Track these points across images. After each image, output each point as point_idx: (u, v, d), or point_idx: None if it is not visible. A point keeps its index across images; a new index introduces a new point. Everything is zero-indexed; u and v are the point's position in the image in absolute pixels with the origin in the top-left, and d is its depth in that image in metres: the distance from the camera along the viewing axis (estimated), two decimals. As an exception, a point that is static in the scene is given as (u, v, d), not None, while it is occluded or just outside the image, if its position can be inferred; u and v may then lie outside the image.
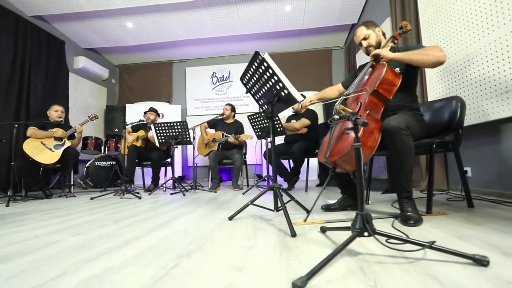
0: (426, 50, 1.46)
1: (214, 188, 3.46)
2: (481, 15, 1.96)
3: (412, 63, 1.48)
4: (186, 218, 1.67)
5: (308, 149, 3.27)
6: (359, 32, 1.75)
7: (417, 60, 1.46)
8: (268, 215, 1.65)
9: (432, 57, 1.42)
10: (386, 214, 1.57)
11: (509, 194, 1.88)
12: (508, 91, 1.79)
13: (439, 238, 1.06)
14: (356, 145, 0.89)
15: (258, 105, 1.77)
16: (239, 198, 2.63)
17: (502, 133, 1.93)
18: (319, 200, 2.26)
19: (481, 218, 1.36)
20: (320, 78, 5.98)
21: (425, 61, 1.44)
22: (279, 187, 1.49)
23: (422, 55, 1.45)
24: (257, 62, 1.41)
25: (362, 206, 0.87)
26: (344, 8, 4.64)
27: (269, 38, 5.62)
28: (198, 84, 6.21)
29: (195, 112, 6.13)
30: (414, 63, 1.48)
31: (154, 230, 1.35)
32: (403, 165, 1.35)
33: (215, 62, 6.27)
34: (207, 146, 3.87)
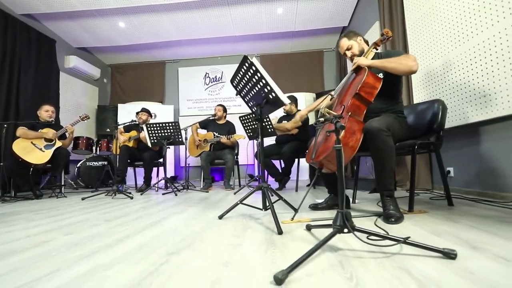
0: (401, 59, 1.54)
1: (206, 188, 3.49)
2: (462, 22, 2.05)
3: (386, 70, 1.57)
4: (177, 217, 1.71)
5: (298, 149, 3.33)
6: (342, 43, 1.83)
7: (391, 67, 1.54)
8: (257, 214, 1.69)
9: (404, 66, 1.50)
10: (371, 212, 1.64)
11: (487, 193, 1.97)
12: (486, 95, 1.88)
13: (416, 234, 1.13)
14: (337, 147, 0.95)
15: (248, 107, 1.81)
16: (231, 197, 2.67)
17: (482, 135, 2.02)
18: (308, 199, 2.32)
19: (459, 216, 1.43)
20: (312, 79, 6.07)
21: (398, 69, 1.53)
22: (267, 187, 1.53)
23: (395, 63, 1.53)
24: (245, 66, 1.45)
25: (342, 205, 0.93)
26: (335, 12, 4.73)
27: (261, 40, 5.67)
28: (191, 85, 6.22)
29: (187, 112, 6.14)
30: (388, 70, 1.56)
31: (145, 229, 1.38)
32: (384, 164, 1.41)
33: (208, 63, 6.29)
34: (199, 147, 3.90)
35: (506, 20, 1.68)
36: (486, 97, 1.88)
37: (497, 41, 1.75)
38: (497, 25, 1.75)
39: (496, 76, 1.78)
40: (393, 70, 1.54)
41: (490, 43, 1.80)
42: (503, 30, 1.70)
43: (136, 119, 3.86)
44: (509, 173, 1.82)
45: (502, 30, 1.71)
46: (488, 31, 1.81)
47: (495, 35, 1.76)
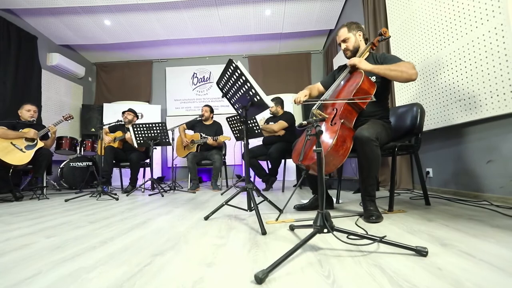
0: (401, 66, 1.53)
1: (193, 189, 3.49)
2: (441, 29, 2.15)
3: (386, 77, 1.58)
4: (163, 218, 1.71)
5: (285, 150, 3.37)
6: (341, 33, 1.80)
7: (393, 75, 1.54)
8: (243, 214, 1.72)
9: (406, 75, 1.51)
10: (353, 212, 1.69)
11: (462, 192, 2.07)
12: (463, 99, 1.98)
13: (392, 233, 1.18)
14: (316, 150, 0.98)
15: (234, 109, 1.83)
16: (217, 198, 2.68)
17: (459, 137, 2.11)
18: (294, 200, 2.36)
19: (434, 215, 1.50)
20: (299, 81, 6.14)
21: (399, 78, 1.53)
22: (252, 188, 1.56)
23: (397, 71, 1.52)
24: (231, 69, 1.47)
25: (322, 205, 0.96)
26: (322, 15, 4.81)
27: (250, 41, 5.69)
28: (179, 85, 6.17)
29: (175, 112, 6.09)
30: (388, 77, 1.57)
31: (130, 231, 1.38)
32: (370, 172, 1.47)
33: (196, 63, 6.26)
34: (186, 148, 3.89)
35: (484, 26, 1.78)
36: (464, 100, 1.98)
37: (476, 46, 1.84)
38: (476, 30, 1.84)
39: (474, 81, 1.88)
40: (393, 78, 1.56)
41: (470, 48, 1.89)
42: (481, 36, 1.79)
43: (122, 119, 3.80)
44: (482, 174, 1.92)
45: (480, 36, 1.80)
46: (468, 36, 1.90)
47: (473, 40, 1.85)
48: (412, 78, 1.52)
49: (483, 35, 1.77)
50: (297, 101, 1.74)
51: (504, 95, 1.66)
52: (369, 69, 1.58)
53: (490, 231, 1.15)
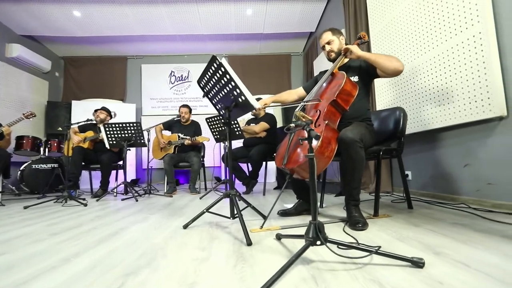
0: (389, 56, 1.56)
1: (170, 193, 3.31)
2: (421, 35, 2.19)
3: (376, 64, 1.57)
4: (137, 227, 1.56)
5: (266, 152, 3.31)
6: (325, 36, 1.81)
7: (382, 62, 1.54)
8: (225, 222, 1.62)
9: (394, 64, 1.52)
10: (338, 218, 1.65)
11: (440, 195, 2.12)
12: (441, 105, 2.02)
13: (383, 240, 1.14)
14: (309, 155, 0.92)
15: (216, 109, 1.73)
16: (196, 203, 2.55)
17: (437, 141, 2.16)
18: (276, 204, 2.30)
19: (418, 219, 1.50)
20: (279, 82, 6.13)
21: (388, 67, 1.53)
22: (236, 194, 1.46)
23: (386, 60, 1.54)
24: (214, 66, 1.38)
25: (315, 215, 0.90)
26: (303, 17, 4.82)
27: (230, 40, 5.59)
28: (155, 83, 5.91)
29: (151, 112, 5.82)
30: (378, 64, 1.56)
31: (99, 243, 1.23)
32: (354, 174, 1.43)
33: (174, 61, 6.04)
34: (163, 149, 3.70)
35: (463, 34, 1.82)
36: (442, 106, 2.02)
37: (455, 53, 1.88)
38: (455, 38, 1.88)
39: (453, 86, 1.92)
40: (382, 66, 1.55)
41: (449, 55, 1.93)
42: (460, 43, 1.84)
43: (94, 117, 3.54)
44: (459, 177, 1.97)
45: (459, 43, 1.84)
46: (447, 43, 1.94)
47: (453, 47, 1.90)
48: (399, 69, 1.53)
49: (462, 43, 1.82)
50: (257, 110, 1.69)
51: (481, 101, 1.71)
52: (360, 54, 1.59)
53: (475, 236, 1.15)
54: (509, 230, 1.23)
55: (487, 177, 1.76)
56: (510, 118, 1.62)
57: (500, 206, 1.67)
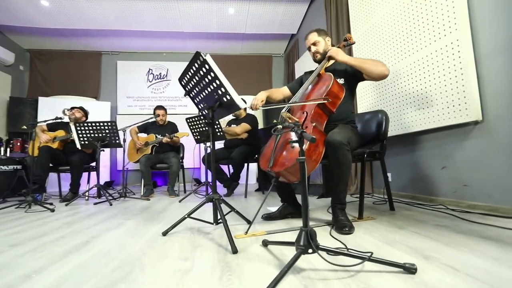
0: (375, 61, 1.56)
1: (147, 196, 3.16)
2: (403, 39, 2.24)
3: (362, 70, 1.56)
4: (111, 235, 1.44)
5: (248, 154, 3.25)
6: (311, 36, 1.80)
7: (368, 68, 1.54)
8: (207, 227, 1.54)
9: (380, 69, 1.52)
10: (323, 221, 1.63)
11: (419, 196, 2.18)
12: (420, 109, 2.08)
13: (371, 245, 1.13)
14: (300, 159, 0.87)
15: (198, 109, 1.65)
16: (175, 206, 2.44)
17: (416, 144, 2.22)
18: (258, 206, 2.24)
19: (402, 222, 1.51)
20: (260, 83, 6.09)
21: (373, 72, 1.53)
22: (219, 199, 1.39)
23: (372, 65, 1.54)
24: (197, 63, 1.30)
25: (306, 222, 0.85)
26: (285, 18, 4.83)
27: (211, 39, 5.48)
28: (132, 80, 5.65)
29: (127, 110, 5.56)
30: (363, 70, 1.56)
31: (66, 256, 1.11)
32: (341, 178, 1.41)
33: (152, 58, 5.81)
34: (139, 151, 3.52)
35: (442, 40, 1.87)
36: (421, 110, 2.07)
37: (434, 59, 1.94)
38: (434, 44, 1.93)
39: (432, 91, 1.97)
40: (367, 71, 1.54)
41: (428, 60, 1.98)
42: (439, 49, 1.89)
43: (68, 115, 3.30)
44: (437, 179, 2.03)
45: (438, 49, 1.90)
46: (427, 49, 2.00)
47: (432, 53, 1.95)
48: (384, 73, 1.54)
49: (441, 49, 1.87)
50: (254, 107, 1.63)
51: (459, 106, 1.77)
52: (345, 60, 1.58)
53: (458, 238, 1.17)
54: (486, 231, 1.26)
55: (463, 179, 1.83)
56: (484, 122, 1.69)
57: (475, 206, 1.73)
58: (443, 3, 1.85)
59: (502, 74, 1.59)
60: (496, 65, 1.62)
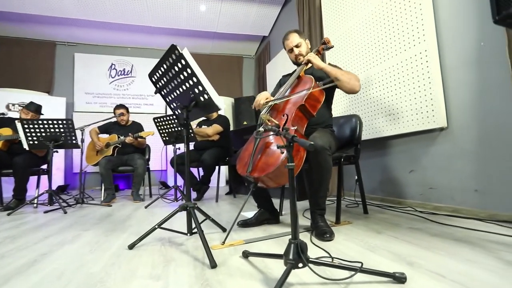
0: (350, 74, 1.56)
1: (109, 201, 2.89)
2: (374, 48, 2.31)
3: (335, 80, 1.55)
4: (67, 250, 1.26)
5: (219, 156, 3.14)
6: (293, 38, 1.74)
7: (342, 80, 1.52)
8: (179, 237, 1.41)
9: (352, 84, 1.53)
10: (301, 226, 1.58)
11: (388, 199, 2.26)
12: (390, 114, 2.16)
13: (354, 252, 1.11)
14: (290, 166, 0.81)
15: (170, 108, 1.52)
16: (141, 213, 2.25)
17: (386, 148, 2.30)
18: (232, 212, 2.16)
19: (378, 225, 1.53)
20: (230, 84, 6.01)
21: (346, 85, 1.53)
22: (194, 206, 1.28)
23: (346, 77, 1.52)
24: (172, 58, 1.18)
25: (295, 233, 0.79)
26: (258, 20, 4.81)
27: (180, 35, 5.26)
28: (92, 75, 5.19)
29: (86, 108, 5.10)
30: (337, 81, 1.54)
31: (9, 280, 0.93)
32: (322, 183, 1.39)
33: (115, 52, 5.41)
34: (99, 153, 3.22)
35: (411, 50, 1.96)
36: (391, 115, 2.15)
37: (403, 67, 2.02)
38: (404, 53, 2.01)
39: (402, 98, 2.05)
40: (340, 83, 1.53)
41: (398, 69, 2.06)
42: (409, 58, 1.97)
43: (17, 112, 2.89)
44: (405, 182, 2.12)
45: (408, 58, 1.98)
46: (397, 57, 2.07)
47: (402, 61, 2.03)
48: (355, 89, 1.55)
49: (411, 58, 1.96)
50: (257, 105, 1.57)
51: (427, 113, 1.86)
52: (322, 66, 1.56)
53: (434, 242, 1.20)
54: (456, 233, 1.32)
55: (429, 182, 1.92)
56: (449, 129, 1.79)
57: (440, 208, 1.83)
58: (413, 15, 1.93)
59: (465, 85, 1.69)
60: (459, 76, 1.72)
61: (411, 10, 1.95)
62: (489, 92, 1.57)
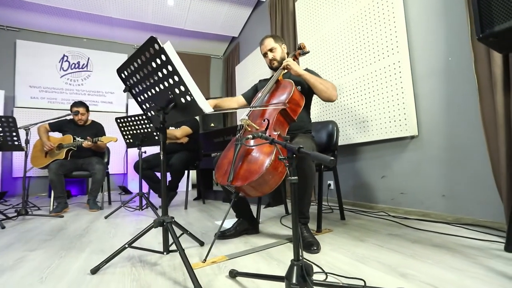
0: (328, 84, 1.56)
1: (60, 211, 2.53)
2: (348, 55, 2.36)
3: (312, 87, 1.55)
4: (6, 280, 1.02)
5: (188, 161, 2.97)
6: (267, 42, 1.72)
7: (319, 88, 1.53)
8: (151, 255, 1.25)
9: (329, 93, 1.53)
10: (281, 236, 1.52)
11: (359, 203, 2.32)
12: (363, 121, 2.21)
13: (345, 264, 1.07)
14: (293, 180, 0.74)
15: (142, 109, 1.35)
16: (101, 225, 1.99)
17: (358, 154, 2.36)
18: (205, 221, 2.02)
19: (358, 232, 1.53)
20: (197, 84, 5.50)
21: (323, 93, 1.53)
22: (172, 222, 1.14)
23: (324, 86, 1.53)
24: (150, 52, 1.03)
25: (299, 255, 0.72)
26: (228, 20, 4.70)
27: (144, 30, 4.91)
28: (38, 67, 4.57)
29: (30, 103, 4.46)
30: (314, 88, 1.54)
31: None
32: (306, 190, 1.35)
33: (68, 43, 4.85)
34: (49, 155, 2.83)
35: (385, 60, 2.03)
36: (364, 123, 2.21)
37: (377, 76, 2.08)
38: (378, 63, 2.08)
39: (375, 106, 2.11)
40: (317, 91, 1.54)
41: (372, 77, 2.12)
42: (382, 68, 2.04)
43: None
44: (376, 187, 2.19)
45: (382, 68, 2.05)
46: (371, 67, 2.13)
47: (376, 70, 2.09)
48: (332, 99, 1.57)
49: (384, 67, 2.03)
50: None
51: (399, 121, 1.93)
52: (301, 73, 1.55)
53: (416, 248, 1.22)
54: (433, 238, 1.37)
55: (400, 187, 2.00)
56: (419, 137, 1.88)
57: (410, 212, 1.91)
58: (387, 26, 2.00)
59: (433, 94, 1.79)
60: (428, 86, 1.82)
61: (385, 22, 2.02)
62: (456, 102, 1.67)
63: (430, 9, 1.81)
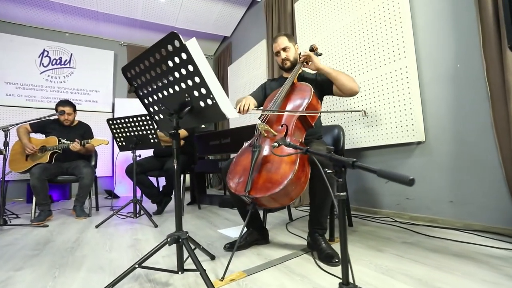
0: (348, 76, 1.51)
1: (43, 219, 2.33)
2: (355, 58, 2.33)
3: (336, 81, 1.49)
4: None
5: (185, 164, 2.86)
6: (281, 40, 1.65)
7: (342, 80, 1.47)
8: (160, 274, 1.14)
9: (352, 85, 1.47)
10: (294, 247, 1.45)
11: (363, 208, 2.30)
12: (370, 126, 2.19)
13: (374, 279, 1.02)
14: (341, 196, 0.67)
15: (148, 112, 1.24)
16: (93, 235, 1.83)
17: (363, 158, 2.34)
18: (205, 229, 1.91)
19: (374, 242, 1.48)
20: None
21: (346, 85, 1.47)
22: (187, 238, 1.04)
23: (347, 79, 1.48)
24: (168, 49, 0.93)
25: (347, 278, 0.65)
26: (221, 19, 4.60)
27: (133, 26, 4.71)
28: (14, 61, 4.23)
29: (6, 101, 4.12)
30: (337, 81, 1.48)
31: None
32: (326, 201, 1.29)
33: (49, 37, 4.54)
34: (30, 158, 2.60)
35: (391, 65, 2.01)
36: (372, 127, 2.18)
37: (385, 80, 2.04)
38: (384, 67, 2.06)
39: (382, 110, 2.08)
40: (342, 84, 1.47)
41: (380, 81, 2.09)
42: (389, 72, 2.02)
43: None
44: (381, 192, 2.17)
45: (388, 72, 2.03)
46: (378, 70, 2.10)
47: (382, 75, 2.07)
48: (356, 89, 1.50)
49: (391, 72, 2.01)
50: (243, 110, 1.38)
51: (406, 127, 1.92)
52: (321, 66, 1.51)
53: (437, 259, 1.19)
54: (450, 246, 1.34)
55: (406, 192, 1.99)
56: (426, 142, 1.88)
57: (417, 218, 1.90)
58: (393, 31, 1.99)
59: (441, 100, 1.79)
60: (436, 92, 1.82)
61: (392, 27, 2.00)
62: (465, 109, 1.68)
63: (438, 16, 1.81)
